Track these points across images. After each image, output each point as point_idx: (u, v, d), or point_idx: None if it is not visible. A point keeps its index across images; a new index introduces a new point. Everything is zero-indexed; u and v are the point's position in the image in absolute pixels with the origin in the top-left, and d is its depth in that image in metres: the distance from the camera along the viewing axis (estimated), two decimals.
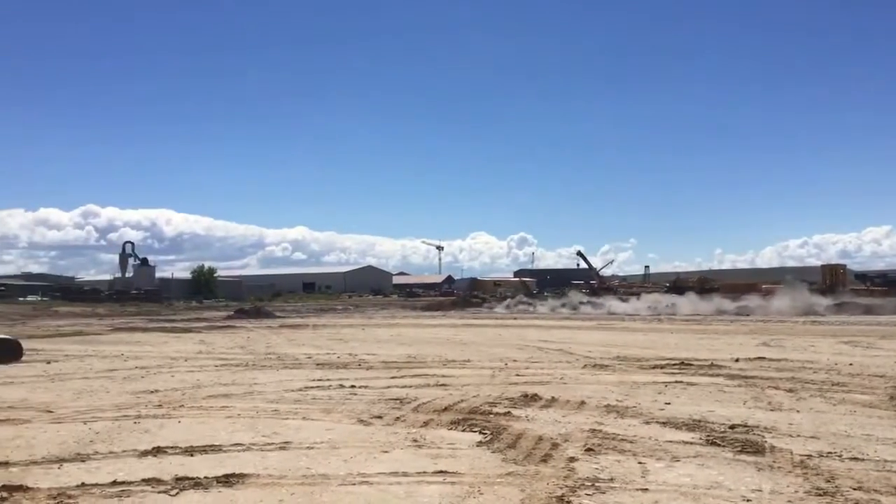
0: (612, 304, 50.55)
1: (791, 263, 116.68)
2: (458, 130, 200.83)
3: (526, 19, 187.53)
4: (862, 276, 64.92)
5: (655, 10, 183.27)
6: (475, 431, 7.16)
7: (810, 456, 6.08)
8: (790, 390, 10.01)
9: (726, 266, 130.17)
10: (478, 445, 6.56)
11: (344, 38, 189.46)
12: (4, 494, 4.95)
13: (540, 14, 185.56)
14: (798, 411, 8.36)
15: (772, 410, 8.43)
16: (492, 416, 7.98)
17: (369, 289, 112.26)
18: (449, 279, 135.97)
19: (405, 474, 5.53)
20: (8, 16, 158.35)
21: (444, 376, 11.74)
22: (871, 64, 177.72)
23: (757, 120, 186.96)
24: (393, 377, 11.75)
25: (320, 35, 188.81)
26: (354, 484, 5.29)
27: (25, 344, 16.10)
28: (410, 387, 10.48)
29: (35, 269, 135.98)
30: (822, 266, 59.49)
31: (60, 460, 5.99)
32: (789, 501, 4.85)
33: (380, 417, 7.97)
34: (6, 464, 5.82)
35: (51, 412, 8.39)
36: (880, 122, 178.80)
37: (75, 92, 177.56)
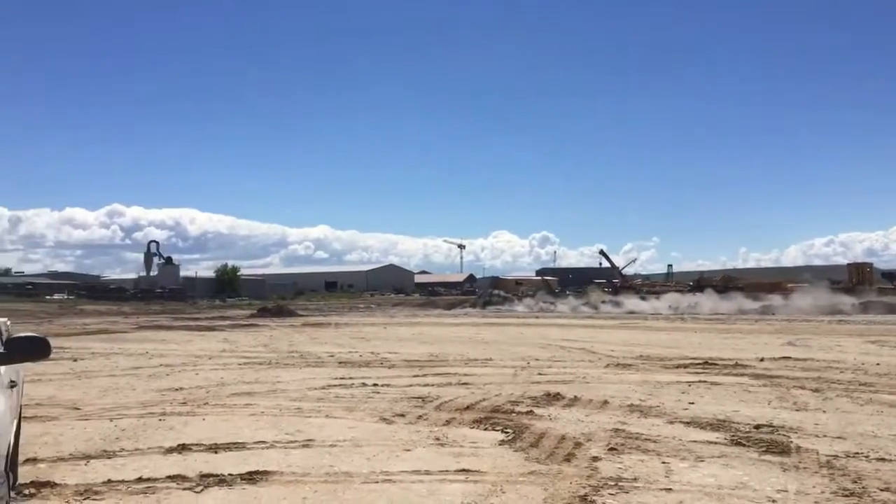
0: (633, 302, 50.33)
1: (817, 262, 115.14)
2: (480, 129, 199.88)
3: (544, 16, 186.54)
4: (889, 275, 63.90)
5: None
6: (497, 430, 7.15)
7: (836, 456, 6.01)
8: (816, 390, 9.90)
9: (751, 265, 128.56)
10: (500, 444, 6.56)
11: (359, 34, 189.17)
12: (33, 490, 5.04)
13: (543, 11, 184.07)
14: (824, 411, 8.26)
15: (797, 410, 8.34)
16: (514, 414, 7.97)
17: (391, 288, 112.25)
18: (471, 278, 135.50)
19: (428, 473, 5.54)
20: (8, 16, 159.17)
21: (466, 375, 11.75)
22: None
23: (784, 116, 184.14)
24: (415, 376, 11.78)
25: (336, 31, 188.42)
26: (377, 482, 5.31)
27: (52, 342, 16.27)
28: (432, 385, 10.50)
29: (61, 267, 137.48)
30: (849, 265, 58.88)
31: (87, 457, 6.07)
32: (815, 502, 4.80)
33: (402, 416, 7.99)
34: (34, 460, 5.90)
35: (77, 409, 8.51)
36: None
37: (75, 92, 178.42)
